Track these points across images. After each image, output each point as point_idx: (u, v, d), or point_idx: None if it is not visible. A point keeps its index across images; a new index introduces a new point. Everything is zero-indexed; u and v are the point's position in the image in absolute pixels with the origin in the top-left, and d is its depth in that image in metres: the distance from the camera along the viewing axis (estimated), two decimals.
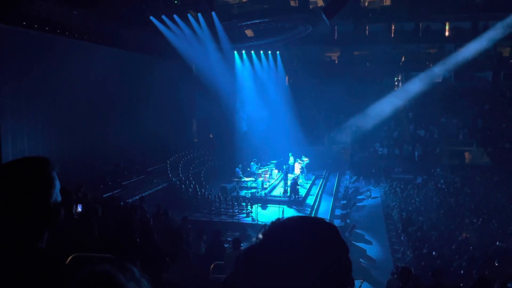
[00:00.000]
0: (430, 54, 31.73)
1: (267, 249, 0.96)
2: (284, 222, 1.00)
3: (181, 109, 24.23)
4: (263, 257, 0.94)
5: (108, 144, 17.58)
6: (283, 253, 0.93)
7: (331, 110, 29.66)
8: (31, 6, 13.35)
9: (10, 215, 1.28)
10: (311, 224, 0.99)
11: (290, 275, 0.92)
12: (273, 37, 23.90)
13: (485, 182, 20.72)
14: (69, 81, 15.32)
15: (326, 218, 1.03)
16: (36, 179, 1.37)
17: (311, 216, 1.04)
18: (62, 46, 15.42)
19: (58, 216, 1.37)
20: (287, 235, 0.96)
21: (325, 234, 0.97)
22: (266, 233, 0.99)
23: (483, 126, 27.18)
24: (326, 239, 0.96)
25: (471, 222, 14.84)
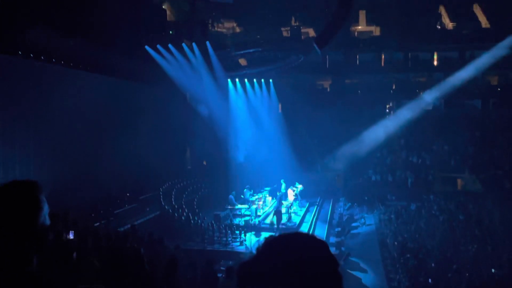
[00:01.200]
0: (420, 82, 32.40)
1: (260, 263, 1.00)
2: (277, 238, 1.04)
3: (174, 136, 24.25)
4: (256, 271, 0.98)
5: (100, 172, 17.44)
6: (275, 268, 0.97)
7: (324, 137, 29.85)
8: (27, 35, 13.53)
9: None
10: (303, 240, 1.03)
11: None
12: (266, 66, 24.34)
13: (478, 208, 20.74)
14: (62, 108, 15.35)
15: (317, 235, 1.06)
16: (22, 202, 1.36)
17: (303, 232, 1.08)
18: (57, 74, 15.56)
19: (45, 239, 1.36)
20: (280, 250, 1.00)
21: (315, 250, 1.01)
22: (259, 249, 1.02)
23: (474, 153, 27.46)
24: (317, 254, 1.01)
25: (466, 249, 14.76)
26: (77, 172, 16.18)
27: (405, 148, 28.99)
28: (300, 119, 30.71)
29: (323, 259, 1.01)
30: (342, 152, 27.50)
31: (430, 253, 14.36)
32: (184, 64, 19.53)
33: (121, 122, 19.18)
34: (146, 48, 17.80)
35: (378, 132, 27.76)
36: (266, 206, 19.56)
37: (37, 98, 14.45)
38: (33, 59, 14.26)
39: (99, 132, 17.63)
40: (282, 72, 26.88)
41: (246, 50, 20.73)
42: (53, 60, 15.28)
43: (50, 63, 15.13)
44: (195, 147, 27.03)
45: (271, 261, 0.98)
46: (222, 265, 13.24)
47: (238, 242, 15.38)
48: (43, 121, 14.83)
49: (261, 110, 27.11)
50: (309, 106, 30.57)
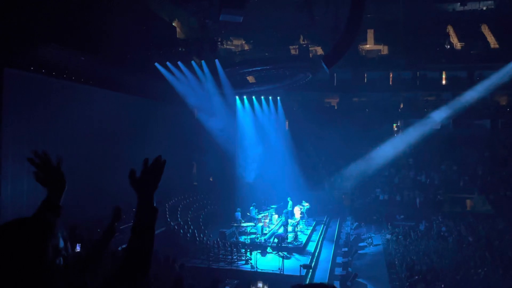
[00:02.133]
0: (428, 101, 32.30)
1: None
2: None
3: (181, 152, 24.31)
4: None
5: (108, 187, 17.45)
6: None
7: (331, 155, 29.73)
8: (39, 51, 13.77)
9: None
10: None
11: None
12: (274, 84, 24.46)
13: (488, 230, 20.37)
14: (72, 123, 15.51)
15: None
16: (26, 247, 1.32)
17: (328, 285, 0.99)
18: (68, 90, 15.75)
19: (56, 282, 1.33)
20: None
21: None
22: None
23: (483, 173, 27.13)
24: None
25: (476, 272, 14.43)
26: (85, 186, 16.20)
27: (414, 167, 28.74)
28: (307, 137, 30.69)
29: None
30: (350, 170, 27.32)
31: (439, 275, 14.06)
32: (193, 81, 19.71)
33: (129, 137, 19.29)
34: (156, 65, 18.01)
35: (386, 151, 27.59)
36: (273, 224, 19.38)
37: (47, 113, 14.61)
38: (44, 74, 14.48)
39: (108, 147, 17.73)
40: (290, 90, 26.98)
41: (254, 67, 20.87)
42: (64, 76, 15.49)
43: (61, 79, 15.34)
44: (202, 163, 27.04)
45: None
46: (227, 284, 13.09)
47: (243, 261, 15.20)
48: (53, 135, 14.95)
49: (269, 127, 27.14)
50: (316, 124, 30.57)
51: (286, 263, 14.48)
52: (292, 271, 14.12)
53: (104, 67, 15.97)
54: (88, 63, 15.62)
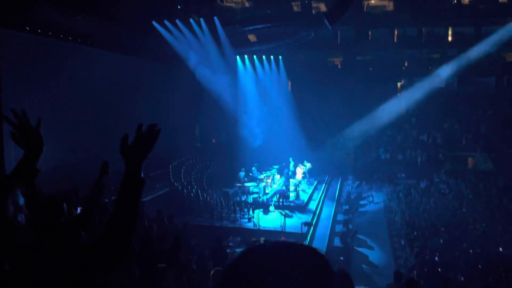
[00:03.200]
0: (433, 59, 31.64)
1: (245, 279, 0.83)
2: (264, 251, 0.86)
3: (183, 114, 24.24)
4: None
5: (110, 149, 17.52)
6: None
7: (334, 115, 29.60)
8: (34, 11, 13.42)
9: None
10: (299, 256, 0.85)
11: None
12: (275, 42, 23.93)
13: (488, 187, 20.57)
14: (71, 85, 15.38)
15: (317, 248, 0.89)
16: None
17: (299, 244, 0.87)
18: (65, 50, 15.51)
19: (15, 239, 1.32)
20: (264, 265, 0.83)
21: (314, 270, 0.84)
22: (241, 259, 0.87)
23: (486, 131, 27.04)
24: (315, 274, 0.83)
25: (475, 228, 14.71)
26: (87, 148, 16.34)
27: (416, 126, 28.64)
28: (310, 97, 30.39)
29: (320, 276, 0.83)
30: (352, 130, 27.28)
31: (438, 232, 14.35)
32: (192, 40, 19.30)
33: (131, 99, 19.21)
34: (154, 23, 17.57)
35: (389, 110, 27.39)
36: (275, 184, 19.62)
37: (45, 74, 14.46)
38: (41, 35, 14.20)
39: (108, 109, 17.69)
40: (292, 49, 26.44)
41: (255, 25, 20.33)
42: (61, 36, 15.20)
43: (58, 39, 15.06)
44: (204, 124, 27.05)
45: (251, 274, 0.82)
46: (230, 241, 13.44)
47: (246, 219, 15.53)
48: (52, 97, 14.87)
49: (270, 88, 26.86)
50: (319, 84, 30.20)
51: (288, 221, 14.79)
52: (293, 228, 14.44)
53: (101, 27, 15.63)
54: (85, 23, 15.27)
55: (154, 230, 8.75)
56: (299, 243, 0.89)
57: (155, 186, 18.06)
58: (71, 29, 15.35)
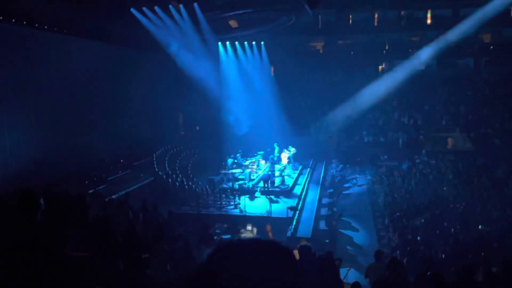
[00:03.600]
0: (413, 42, 31.98)
1: (211, 279, 0.87)
2: (232, 246, 0.91)
3: (166, 102, 24.02)
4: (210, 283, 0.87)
5: (93, 139, 17.40)
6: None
7: (317, 99, 29.75)
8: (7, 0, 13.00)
9: None
10: (264, 251, 0.90)
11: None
12: (257, 28, 23.75)
13: (468, 167, 21.09)
14: (50, 75, 15.07)
15: (280, 242, 0.94)
16: None
17: (266, 240, 0.95)
18: (42, 40, 15.14)
19: None
20: (234, 261, 0.88)
21: (278, 264, 0.89)
22: (212, 256, 0.91)
23: (465, 112, 27.61)
24: (280, 269, 0.88)
25: (455, 206, 15.12)
26: (68, 139, 16.12)
27: (398, 109, 29.03)
28: (292, 82, 30.43)
29: (286, 273, 0.88)
30: (335, 114, 27.48)
31: (419, 212, 14.71)
32: (172, 27, 19.00)
33: (111, 88, 18.93)
34: (132, 10, 17.22)
35: (371, 93, 27.64)
36: (260, 169, 19.72)
37: (23, 65, 14.12)
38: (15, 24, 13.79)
39: (90, 99, 17.43)
40: (274, 34, 26.31)
41: (236, 11, 20.12)
42: (37, 26, 14.78)
43: (33, 28, 14.65)
44: (187, 112, 26.86)
45: (223, 272, 0.87)
46: (217, 228, 13.52)
47: (232, 206, 15.62)
48: (31, 88, 14.57)
49: (253, 73, 26.74)
50: (302, 69, 30.24)
51: (274, 206, 14.94)
52: (279, 213, 14.61)
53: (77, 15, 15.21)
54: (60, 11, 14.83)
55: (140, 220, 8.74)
56: (264, 240, 0.94)
57: (139, 176, 17.97)
58: (47, 18, 14.92)
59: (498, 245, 10.81)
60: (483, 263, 7.63)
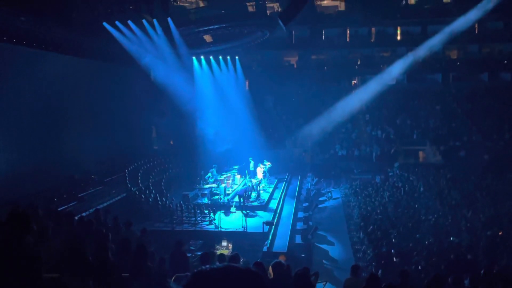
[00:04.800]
0: (384, 57, 32.91)
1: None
2: (206, 276, 0.93)
3: (139, 116, 23.67)
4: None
5: (62, 155, 16.90)
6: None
7: (291, 113, 30.04)
8: None
9: None
10: (236, 279, 0.93)
11: None
12: (231, 42, 23.89)
13: (438, 179, 21.62)
14: (18, 90, 14.61)
15: (251, 268, 0.97)
16: None
17: (237, 267, 0.98)
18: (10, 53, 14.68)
19: None
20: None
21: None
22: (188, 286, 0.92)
23: (434, 125, 28.44)
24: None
25: (427, 219, 15.40)
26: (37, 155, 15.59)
27: (370, 122, 29.62)
28: (267, 96, 30.69)
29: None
30: (309, 128, 27.77)
31: (393, 224, 14.89)
32: (146, 41, 18.86)
33: (83, 102, 18.52)
34: (104, 24, 16.99)
35: (344, 107, 28.13)
36: (235, 184, 19.58)
37: None
38: None
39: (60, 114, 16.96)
40: (248, 49, 26.54)
41: (210, 26, 20.19)
42: (4, 38, 14.34)
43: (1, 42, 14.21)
44: (161, 126, 26.53)
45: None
46: (191, 244, 13.25)
47: (207, 222, 15.38)
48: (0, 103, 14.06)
49: (228, 88, 26.78)
50: (276, 83, 30.57)
51: (249, 221, 14.81)
52: (255, 228, 14.48)
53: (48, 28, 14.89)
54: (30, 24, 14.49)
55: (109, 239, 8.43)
56: (235, 267, 0.95)
57: (111, 192, 17.50)
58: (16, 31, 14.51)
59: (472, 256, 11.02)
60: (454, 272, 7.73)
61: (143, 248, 6.30)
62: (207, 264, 3.36)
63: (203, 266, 0.93)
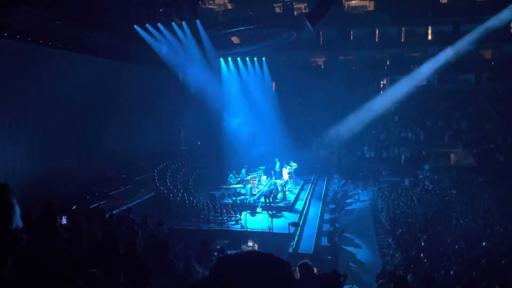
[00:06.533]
0: (414, 57, 32.18)
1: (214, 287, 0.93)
2: (231, 259, 0.97)
3: (168, 117, 24.10)
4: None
5: (94, 154, 17.41)
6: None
7: (318, 114, 29.82)
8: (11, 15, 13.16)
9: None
10: (259, 262, 0.96)
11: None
12: (258, 44, 23.97)
13: (470, 183, 20.97)
14: (52, 91, 15.16)
15: (273, 254, 1.00)
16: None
17: (259, 252, 1.02)
18: (45, 56, 15.28)
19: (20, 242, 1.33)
20: (235, 274, 0.93)
21: (273, 273, 0.94)
22: (213, 269, 0.96)
23: (467, 127, 27.59)
24: (274, 278, 0.93)
25: (458, 223, 14.98)
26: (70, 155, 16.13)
27: (399, 124, 29.05)
28: (294, 97, 30.60)
29: (281, 282, 0.94)
30: (336, 129, 27.51)
31: (422, 228, 14.56)
32: (175, 43, 19.20)
33: (113, 104, 19.01)
34: (135, 27, 17.41)
35: (372, 108, 27.71)
36: (262, 185, 19.65)
37: (23, 81, 14.22)
38: (18, 40, 13.94)
39: (91, 115, 17.49)
40: (275, 50, 26.54)
41: (238, 27, 20.33)
42: (40, 42, 14.94)
43: (37, 45, 14.81)
44: (189, 127, 26.92)
45: (225, 284, 0.92)
46: (217, 244, 13.38)
47: (233, 221, 15.49)
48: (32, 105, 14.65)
49: (255, 89, 26.88)
50: (303, 84, 30.44)
51: (275, 222, 14.81)
52: (281, 229, 14.47)
53: (81, 31, 15.40)
54: (64, 28, 15.02)
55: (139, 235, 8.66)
56: (260, 252, 0.98)
57: (140, 191, 17.90)
58: (51, 34, 15.09)
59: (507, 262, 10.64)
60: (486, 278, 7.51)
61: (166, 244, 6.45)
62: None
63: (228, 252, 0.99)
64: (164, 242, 5.99)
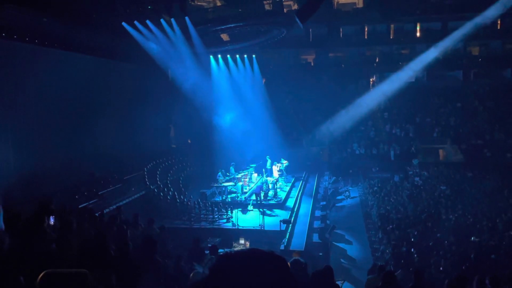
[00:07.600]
0: (403, 54, 32.43)
1: (215, 285, 0.92)
2: (232, 258, 0.96)
3: (157, 115, 23.91)
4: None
5: (83, 153, 17.21)
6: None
7: (308, 112, 29.90)
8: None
9: None
10: (259, 260, 0.95)
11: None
12: (248, 41, 23.92)
13: (459, 178, 21.21)
14: (40, 89, 14.93)
15: (274, 251, 0.99)
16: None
17: (259, 250, 1.01)
18: (32, 54, 15.03)
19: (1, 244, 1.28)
20: (236, 273, 0.92)
21: (274, 272, 0.93)
22: (213, 268, 0.95)
23: (455, 123, 27.90)
24: (276, 275, 0.93)
25: (447, 218, 15.13)
26: (58, 154, 15.92)
27: (389, 121, 29.26)
28: (284, 95, 30.62)
29: (282, 281, 0.93)
30: (327, 126, 27.61)
31: (412, 224, 14.68)
32: (164, 40, 19.05)
33: (101, 102, 18.79)
34: (123, 24, 17.23)
35: (362, 105, 27.86)
36: (253, 182, 19.63)
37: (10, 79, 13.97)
38: (4, 38, 13.70)
39: (79, 113, 17.26)
40: (265, 47, 26.52)
41: (227, 24, 20.25)
42: (27, 39, 14.70)
43: (24, 42, 14.56)
44: (179, 125, 26.77)
45: (226, 283, 0.91)
46: (209, 242, 13.34)
47: (225, 219, 15.46)
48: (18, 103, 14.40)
49: (245, 86, 26.81)
50: (293, 81, 30.48)
51: (267, 220, 14.81)
52: (272, 226, 14.49)
53: (68, 28, 15.17)
54: (51, 25, 14.78)
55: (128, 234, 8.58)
56: (258, 250, 0.98)
57: (130, 190, 17.75)
58: (38, 32, 14.85)
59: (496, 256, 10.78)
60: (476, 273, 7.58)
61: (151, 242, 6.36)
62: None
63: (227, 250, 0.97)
64: (151, 241, 5.92)
